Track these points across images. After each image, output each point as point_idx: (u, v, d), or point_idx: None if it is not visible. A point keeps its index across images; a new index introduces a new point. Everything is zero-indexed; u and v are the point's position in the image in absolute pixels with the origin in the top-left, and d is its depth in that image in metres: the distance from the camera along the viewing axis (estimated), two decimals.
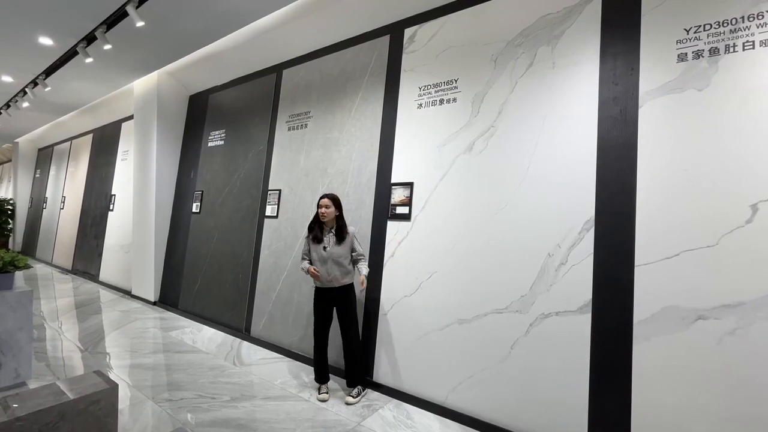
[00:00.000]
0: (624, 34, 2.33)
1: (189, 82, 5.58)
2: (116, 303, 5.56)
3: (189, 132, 5.69)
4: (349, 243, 2.91)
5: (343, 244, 2.89)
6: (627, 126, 2.26)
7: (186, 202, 5.43)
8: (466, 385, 2.63)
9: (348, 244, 2.91)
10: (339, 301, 2.92)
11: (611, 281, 2.20)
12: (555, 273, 2.39)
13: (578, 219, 2.35)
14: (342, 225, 2.93)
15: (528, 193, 2.55)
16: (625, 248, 2.18)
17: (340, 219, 2.95)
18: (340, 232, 2.90)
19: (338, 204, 2.95)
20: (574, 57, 2.49)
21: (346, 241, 2.90)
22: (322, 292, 2.97)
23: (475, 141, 2.84)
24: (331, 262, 2.88)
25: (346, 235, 2.90)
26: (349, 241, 2.91)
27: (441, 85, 3.09)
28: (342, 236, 2.89)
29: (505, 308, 2.55)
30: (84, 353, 3.57)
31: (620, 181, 2.24)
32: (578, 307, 2.29)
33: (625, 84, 2.30)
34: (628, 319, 2.13)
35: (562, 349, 2.30)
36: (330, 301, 2.95)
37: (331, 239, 2.91)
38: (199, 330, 4.44)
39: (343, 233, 2.90)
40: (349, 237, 2.91)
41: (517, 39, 2.74)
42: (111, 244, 6.84)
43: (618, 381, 2.12)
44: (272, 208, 4.19)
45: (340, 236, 2.89)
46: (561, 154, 2.46)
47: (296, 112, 4.17)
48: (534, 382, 2.38)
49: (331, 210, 2.91)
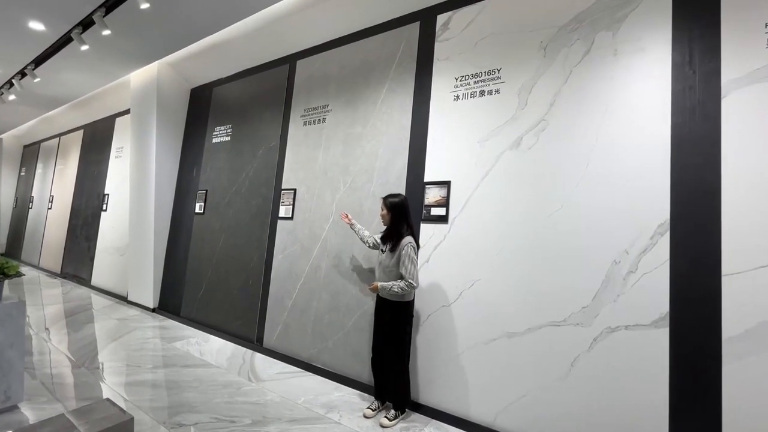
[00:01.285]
0: (701, 16, 2.10)
1: (191, 75, 5.24)
2: (111, 310, 5.19)
3: (190, 127, 5.35)
4: (397, 256, 2.55)
5: (393, 254, 2.57)
6: (707, 119, 2.02)
7: (188, 202, 5.08)
8: (518, 406, 2.37)
9: (397, 257, 2.55)
10: (387, 315, 2.63)
11: (693, 292, 1.96)
12: (623, 282, 2.14)
13: (650, 222, 2.10)
14: (398, 233, 2.59)
15: (588, 193, 2.31)
16: (710, 255, 1.94)
17: (399, 225, 2.61)
18: (392, 239, 2.60)
19: (394, 208, 2.62)
20: (640, 42, 2.25)
21: (395, 253, 2.56)
22: (377, 299, 2.71)
23: (523, 136, 2.58)
24: (378, 269, 2.62)
25: (398, 245, 2.57)
26: (398, 254, 2.55)
27: (481, 75, 2.83)
28: (395, 245, 2.58)
29: (563, 320, 2.30)
30: (80, 369, 3.23)
31: (701, 180, 2.00)
32: (652, 320, 2.04)
33: (703, 71, 2.06)
34: (716, 335, 1.89)
35: (635, 368, 2.06)
36: (380, 310, 2.67)
37: (389, 245, 2.63)
38: (206, 340, 4.11)
39: (395, 242, 2.58)
40: (398, 249, 2.55)
41: (571, 24, 2.50)
42: (104, 246, 6.44)
43: (704, 406, 1.88)
44: (286, 208, 3.89)
45: (393, 244, 2.59)
46: (627, 150, 2.22)
47: (312, 105, 3.87)
48: (600, 405, 2.13)
49: (383, 214, 2.64)
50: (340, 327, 3.29)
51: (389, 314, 2.60)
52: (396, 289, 2.49)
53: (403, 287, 2.48)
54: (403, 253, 2.51)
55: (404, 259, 2.50)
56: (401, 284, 2.49)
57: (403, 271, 2.50)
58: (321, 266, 3.51)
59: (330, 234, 3.49)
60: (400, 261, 2.52)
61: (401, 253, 2.52)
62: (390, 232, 2.60)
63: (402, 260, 2.51)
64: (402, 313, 2.60)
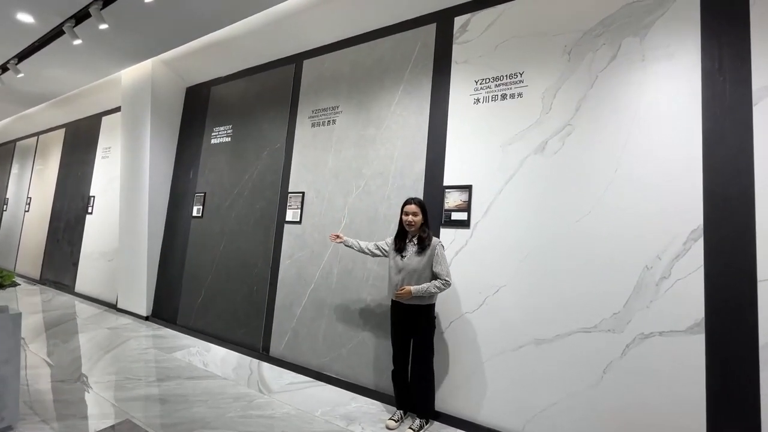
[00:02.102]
0: (730, 24, 2.12)
1: (186, 73, 5.05)
2: (101, 318, 4.92)
3: (186, 128, 5.15)
4: (429, 256, 2.49)
5: (423, 255, 2.50)
6: (738, 125, 2.04)
7: (184, 204, 4.88)
8: (548, 414, 2.34)
9: (428, 257, 2.49)
10: (410, 322, 2.55)
11: (728, 298, 1.97)
12: (656, 288, 2.13)
13: (682, 227, 2.11)
14: (426, 234, 2.53)
15: (617, 198, 2.30)
16: (745, 261, 1.95)
17: (428, 226, 2.57)
18: (421, 241, 2.52)
19: (424, 209, 2.58)
20: (669, 49, 2.25)
21: (427, 253, 2.49)
22: (394, 306, 2.62)
23: (548, 140, 2.56)
24: (404, 273, 2.51)
25: (427, 246, 2.51)
26: (430, 253, 2.49)
27: (503, 79, 2.80)
28: (424, 247, 2.51)
29: (593, 327, 2.28)
30: (75, 383, 3.02)
31: (734, 186, 2.02)
32: (687, 326, 2.04)
33: (734, 78, 2.08)
34: (753, 342, 1.90)
35: (670, 374, 2.05)
36: (402, 318, 2.58)
37: (412, 249, 2.55)
38: (207, 350, 3.94)
39: (425, 243, 2.51)
40: (430, 249, 2.50)
41: (597, 29, 2.49)
42: (90, 251, 6.13)
43: (743, 413, 1.88)
44: (294, 212, 3.77)
45: (421, 245, 2.51)
46: (657, 156, 2.22)
47: (321, 106, 3.77)
48: (634, 411, 2.11)
49: (419, 218, 2.55)
50: (354, 334, 3.19)
51: (413, 320, 2.53)
52: (432, 289, 2.43)
53: (440, 286, 2.44)
54: (437, 252, 2.47)
55: (438, 257, 2.46)
56: (437, 283, 2.44)
57: (438, 270, 2.46)
58: (333, 272, 3.41)
59: None
60: (434, 260, 2.47)
61: (434, 252, 2.47)
62: (422, 233, 2.53)
63: (436, 259, 2.47)
64: (427, 318, 2.53)
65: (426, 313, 2.53)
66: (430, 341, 2.55)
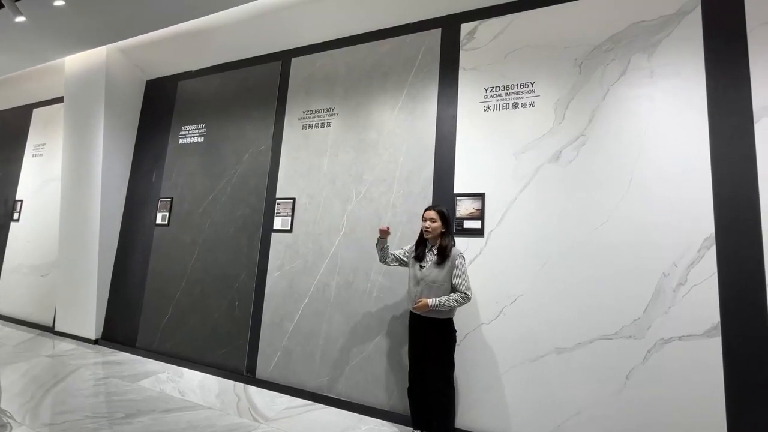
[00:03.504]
0: (730, 47, 2.30)
1: (148, 64, 4.53)
2: (35, 345, 4.19)
3: (147, 125, 4.60)
4: (449, 267, 2.38)
5: (443, 266, 2.38)
6: (743, 140, 2.21)
7: (145, 211, 4.33)
8: (573, 423, 2.33)
9: (447, 268, 2.38)
10: (428, 335, 2.41)
11: (741, 302, 2.10)
12: (673, 294, 2.22)
13: (696, 236, 2.22)
14: (446, 244, 2.42)
15: (633, 207, 2.38)
16: (754, 266, 2.09)
17: (448, 236, 2.46)
18: (442, 251, 2.40)
19: (445, 217, 2.46)
20: (676, 67, 2.39)
21: (446, 264, 2.38)
22: (412, 319, 2.49)
23: (562, 149, 2.60)
24: (423, 285, 2.38)
25: (447, 257, 2.39)
26: (450, 264, 2.38)
27: (514, 88, 2.81)
28: (444, 257, 2.39)
29: (614, 334, 2.32)
30: (20, 426, 2.49)
31: (741, 197, 2.17)
32: (705, 330, 2.14)
33: (736, 97, 2.25)
34: (764, 343, 2.03)
35: (691, 378, 2.13)
36: (419, 331, 2.45)
37: (431, 259, 2.42)
38: (180, 375, 3.48)
39: (445, 253, 2.40)
40: (450, 260, 2.38)
41: (606, 44, 2.59)
42: (16, 264, 5.23)
43: (761, 412, 2.00)
44: (283, 220, 3.48)
45: (441, 256, 2.40)
46: (668, 167, 2.33)
47: (314, 108, 3.55)
48: (659, 417, 2.16)
49: (437, 224, 2.43)
50: (358, 351, 2.99)
51: (434, 334, 2.41)
52: (451, 303, 2.32)
53: (459, 300, 2.33)
54: (457, 264, 2.37)
55: (458, 270, 2.36)
56: (455, 297, 2.33)
57: (458, 283, 2.35)
58: (330, 284, 3.18)
59: (341, 249, 3.19)
60: (454, 273, 2.36)
61: (455, 264, 2.37)
62: (443, 245, 2.42)
63: (456, 271, 2.36)
64: (448, 331, 2.43)
65: (445, 327, 2.43)
66: (449, 355, 2.44)
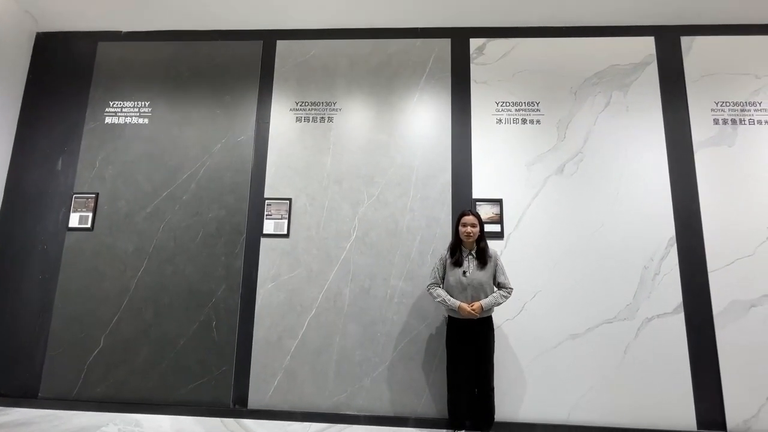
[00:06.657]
0: (676, 97, 3.07)
1: (42, 10, 3.35)
2: None
3: (41, 92, 3.39)
4: (492, 268, 2.50)
5: (486, 268, 2.48)
6: (687, 166, 2.98)
7: (46, 211, 3.18)
8: (587, 398, 2.74)
9: (491, 269, 2.49)
10: (477, 336, 2.47)
11: (694, 285, 2.83)
12: (652, 282, 2.84)
13: (663, 237, 2.89)
14: (485, 246, 2.51)
15: (620, 215, 2.94)
16: (700, 259, 2.85)
17: (483, 239, 2.53)
18: (482, 254, 2.48)
19: (482, 222, 2.53)
20: (643, 104, 3.07)
21: (489, 265, 2.49)
22: (457, 324, 2.48)
23: (565, 164, 3.03)
24: (471, 290, 2.42)
25: (489, 258, 2.49)
26: (492, 265, 2.51)
27: (522, 105, 3.13)
28: (484, 259, 2.48)
29: (614, 317, 2.82)
30: None
31: (690, 209, 2.92)
32: (673, 308, 2.80)
33: (682, 133, 3.02)
34: (709, 313, 2.79)
35: (666, 346, 2.76)
36: (467, 335, 2.47)
37: (472, 263, 2.46)
38: (135, 424, 2.68)
39: (486, 256, 2.49)
40: (492, 261, 2.50)
41: (593, 78, 3.13)
42: None
43: (709, 359, 2.73)
44: (277, 223, 3.05)
45: (482, 259, 2.47)
46: (645, 183, 2.97)
47: (311, 99, 3.22)
48: (649, 380, 2.73)
49: (476, 229, 2.48)
50: (380, 361, 2.85)
51: (481, 333, 2.51)
52: (500, 300, 2.47)
53: (506, 296, 2.50)
54: (499, 263, 2.54)
55: (501, 268, 2.54)
56: (502, 293, 2.49)
57: (503, 280, 2.51)
58: (343, 293, 2.95)
59: (354, 254, 2.98)
60: (497, 271, 2.53)
61: (497, 263, 2.53)
62: (481, 247, 2.53)
63: (499, 270, 2.53)
64: (491, 328, 2.57)
65: (489, 324, 2.56)
66: (492, 351, 2.58)
